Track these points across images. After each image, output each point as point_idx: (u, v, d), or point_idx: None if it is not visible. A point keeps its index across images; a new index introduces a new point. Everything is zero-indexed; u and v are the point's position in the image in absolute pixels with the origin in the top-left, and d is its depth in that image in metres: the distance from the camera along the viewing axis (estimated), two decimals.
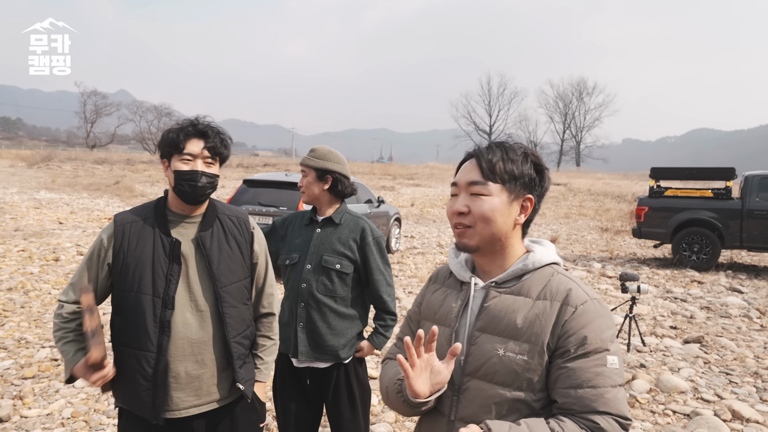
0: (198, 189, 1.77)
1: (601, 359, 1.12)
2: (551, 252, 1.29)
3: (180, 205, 1.84)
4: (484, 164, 1.22)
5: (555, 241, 12.93)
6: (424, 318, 1.37)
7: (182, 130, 1.79)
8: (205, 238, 1.82)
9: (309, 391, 2.39)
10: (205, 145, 1.79)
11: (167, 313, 1.75)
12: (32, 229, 11.27)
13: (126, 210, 1.89)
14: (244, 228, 1.94)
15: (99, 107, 60.03)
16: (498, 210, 1.21)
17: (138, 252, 1.77)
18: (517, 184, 1.23)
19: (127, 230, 1.80)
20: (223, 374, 1.84)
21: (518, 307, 1.19)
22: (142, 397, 1.74)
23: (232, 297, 1.84)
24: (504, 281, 1.25)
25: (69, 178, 25.49)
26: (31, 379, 4.13)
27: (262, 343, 1.98)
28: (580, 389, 1.11)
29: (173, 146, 1.78)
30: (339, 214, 2.40)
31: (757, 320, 6.50)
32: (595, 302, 1.18)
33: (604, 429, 1.07)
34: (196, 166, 1.77)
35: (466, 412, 1.20)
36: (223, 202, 2.00)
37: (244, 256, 1.90)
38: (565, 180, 34.40)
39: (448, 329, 1.27)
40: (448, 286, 1.35)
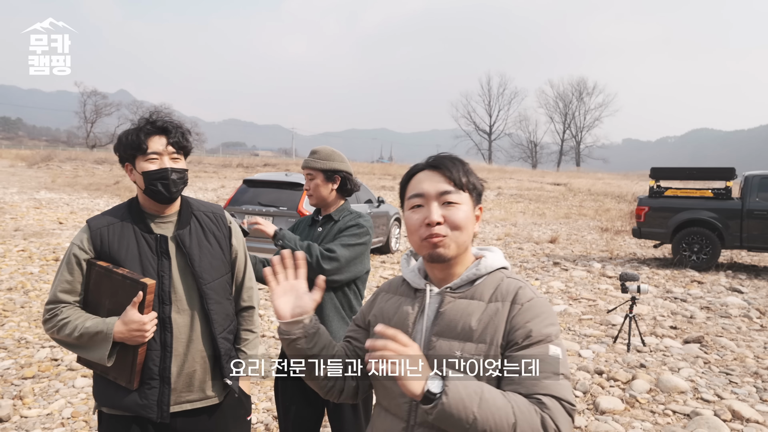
0: (170, 186, 1.73)
1: (544, 348, 1.17)
2: (500, 258, 1.35)
3: (153, 206, 1.79)
4: (455, 174, 1.26)
5: (555, 241, 12.94)
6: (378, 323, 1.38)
7: (141, 129, 1.73)
8: (183, 236, 1.79)
9: (310, 392, 2.39)
10: (168, 140, 1.75)
11: (165, 309, 1.73)
12: (32, 229, 11.27)
13: (97, 214, 1.83)
14: (222, 223, 1.91)
15: (99, 107, 60.13)
16: (468, 218, 1.27)
17: (123, 253, 1.72)
18: (474, 194, 1.30)
19: (105, 233, 1.75)
20: (213, 371, 1.83)
21: (472, 310, 1.24)
22: (148, 396, 1.72)
23: (216, 293, 1.83)
24: (458, 286, 1.29)
25: (69, 178, 25.48)
26: (31, 379, 4.13)
27: (244, 336, 1.96)
28: (524, 376, 1.16)
29: (135, 147, 1.72)
30: (339, 212, 2.42)
31: (757, 320, 6.50)
32: (540, 300, 1.25)
33: (546, 404, 1.11)
34: (164, 164, 1.73)
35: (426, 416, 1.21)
36: (196, 198, 1.98)
37: (224, 252, 1.88)
38: (565, 180, 34.39)
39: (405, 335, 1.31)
40: (402, 294, 1.38)
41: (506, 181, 32.96)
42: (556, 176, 38.59)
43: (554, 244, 12.67)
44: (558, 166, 66.26)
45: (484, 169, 41.59)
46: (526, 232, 14.99)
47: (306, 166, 2.41)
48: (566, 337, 5.69)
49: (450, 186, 1.25)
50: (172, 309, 1.75)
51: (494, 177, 34.95)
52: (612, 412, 3.89)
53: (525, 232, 14.98)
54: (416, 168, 1.32)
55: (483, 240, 13.17)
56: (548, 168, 61.65)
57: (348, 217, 2.40)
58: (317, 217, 2.47)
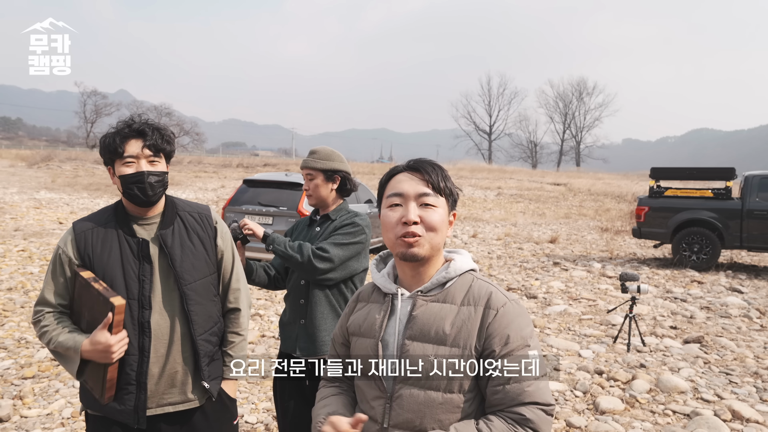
0: (146, 189, 1.72)
1: (524, 355, 1.21)
2: (468, 260, 1.37)
3: (135, 209, 1.79)
4: (434, 178, 1.31)
5: (555, 241, 12.94)
6: (352, 334, 1.41)
7: (118, 133, 1.73)
8: (165, 236, 1.78)
9: (308, 391, 2.39)
10: (144, 143, 1.73)
11: (145, 313, 1.72)
12: (32, 229, 11.27)
13: (83, 217, 1.83)
14: (206, 223, 1.89)
15: (99, 107, 60.12)
16: (443, 221, 1.31)
17: (105, 256, 1.73)
18: (450, 200, 1.34)
19: (89, 236, 1.75)
20: (195, 373, 1.82)
21: (445, 314, 1.27)
22: (125, 401, 1.71)
23: (198, 294, 1.81)
24: (429, 290, 1.32)
25: (69, 178, 25.49)
26: (31, 379, 4.13)
27: (230, 339, 1.94)
28: (507, 385, 1.20)
29: (112, 151, 1.72)
30: (337, 212, 2.42)
31: (757, 320, 6.50)
32: (513, 303, 1.28)
33: (529, 419, 1.17)
34: (141, 167, 1.72)
35: (400, 418, 1.25)
36: (184, 198, 1.97)
37: (208, 252, 1.86)
38: (565, 180, 34.39)
39: (372, 340, 1.32)
40: (373, 301, 1.41)
41: (506, 181, 32.96)
42: (556, 176, 38.59)
43: (554, 244, 12.67)
44: (558, 166, 66.26)
45: (484, 169, 41.58)
46: (526, 232, 14.99)
47: (305, 166, 2.41)
48: (566, 337, 5.69)
49: (428, 189, 1.30)
50: (153, 311, 1.74)
51: (494, 177, 34.95)
52: (612, 412, 3.89)
53: (525, 232, 14.98)
54: (396, 169, 1.36)
55: (483, 240, 13.18)
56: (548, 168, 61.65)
57: (344, 216, 2.40)
58: (315, 216, 2.48)
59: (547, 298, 7.33)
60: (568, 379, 4.52)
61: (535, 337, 1.26)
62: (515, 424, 1.17)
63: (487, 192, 27.57)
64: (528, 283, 8.27)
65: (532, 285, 8.16)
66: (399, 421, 1.25)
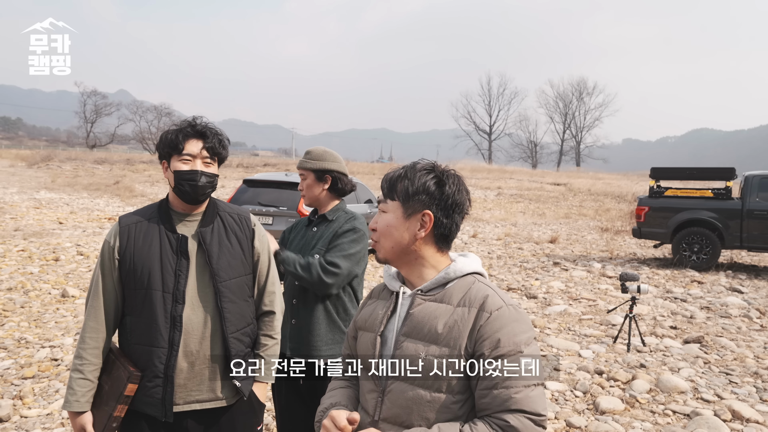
0: (198, 188, 1.79)
1: (514, 361, 1.19)
2: (474, 263, 1.37)
3: (181, 205, 1.86)
4: (385, 183, 1.35)
5: (555, 241, 12.94)
6: (359, 328, 1.45)
7: (181, 131, 1.81)
8: (205, 234, 1.84)
9: (303, 390, 2.39)
10: (203, 145, 1.81)
11: (178, 307, 1.77)
12: (32, 229, 11.27)
13: (130, 212, 1.92)
14: (245, 225, 1.95)
15: (99, 107, 60.01)
16: (393, 225, 1.32)
17: (145, 250, 1.79)
18: (412, 200, 1.31)
19: (132, 230, 1.82)
20: (225, 372, 1.84)
21: (440, 313, 1.27)
22: (152, 393, 1.75)
23: (231, 292, 1.84)
24: (429, 289, 1.32)
25: (69, 178, 25.49)
26: (31, 379, 4.13)
27: (263, 342, 1.96)
28: (495, 390, 1.18)
29: (172, 147, 1.80)
30: (333, 212, 2.42)
31: (757, 320, 6.50)
32: (510, 308, 1.25)
33: (515, 426, 1.15)
34: (196, 166, 1.79)
35: (389, 412, 1.27)
36: (225, 201, 2.02)
37: (244, 253, 1.91)
38: (565, 180, 34.39)
39: (372, 334, 1.36)
40: (381, 297, 1.44)
41: (506, 181, 32.96)
42: (556, 176, 38.59)
43: (554, 244, 12.67)
44: (558, 166, 66.24)
45: (484, 169, 41.59)
46: (526, 232, 14.99)
47: (298, 167, 2.44)
48: (566, 337, 5.69)
49: (382, 195, 1.37)
50: (186, 305, 1.78)
51: (494, 177, 34.96)
52: (612, 412, 3.89)
53: (525, 232, 14.98)
54: None
55: (483, 240, 13.18)
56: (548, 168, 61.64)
57: (342, 218, 2.40)
58: (313, 217, 2.48)
59: (547, 298, 7.33)
60: (568, 379, 4.52)
61: (532, 345, 1.23)
62: (500, 430, 1.16)
63: (487, 192, 27.57)
64: (528, 283, 8.27)
65: (532, 285, 8.16)
66: (388, 415, 1.27)
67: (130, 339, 1.81)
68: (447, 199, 1.31)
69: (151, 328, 1.75)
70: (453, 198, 1.32)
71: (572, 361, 4.92)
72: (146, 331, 1.76)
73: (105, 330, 1.82)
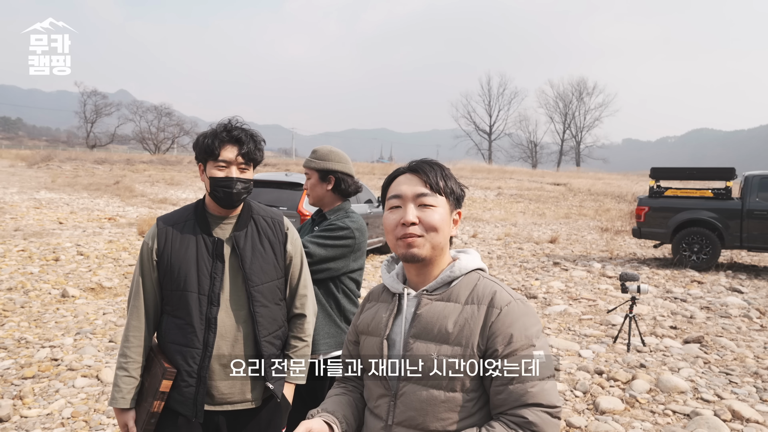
0: (233, 195, 1.81)
1: (528, 355, 1.19)
2: (476, 259, 1.37)
3: (217, 208, 1.88)
4: (432, 178, 1.30)
5: (555, 241, 12.94)
6: (361, 333, 1.43)
7: (217, 136, 1.81)
8: (239, 238, 1.86)
9: (303, 391, 2.40)
10: (239, 151, 1.81)
11: (213, 310, 1.80)
12: (32, 229, 11.27)
13: (167, 213, 1.95)
14: (278, 228, 1.96)
15: (99, 107, 60.05)
16: (445, 220, 1.30)
17: (182, 252, 1.82)
18: (453, 199, 1.34)
19: (170, 232, 1.85)
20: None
21: (449, 312, 1.26)
22: (184, 393, 1.79)
23: (264, 296, 1.87)
24: (434, 289, 1.32)
25: (69, 178, 25.49)
26: (31, 379, 4.13)
27: (293, 344, 1.98)
28: (510, 385, 1.18)
29: (208, 153, 1.81)
30: (333, 212, 2.42)
31: (757, 320, 6.50)
32: (518, 302, 1.25)
33: (532, 422, 1.15)
34: (231, 173, 1.80)
35: (403, 416, 1.25)
36: (259, 203, 2.03)
37: (277, 257, 1.92)
38: (565, 180, 34.39)
39: (378, 338, 1.34)
40: (381, 300, 1.42)
41: (506, 181, 32.96)
42: (556, 176, 38.58)
43: (554, 244, 12.67)
44: (558, 166, 66.23)
45: (484, 169, 41.58)
46: (526, 232, 14.99)
47: (303, 165, 2.45)
48: (566, 337, 5.69)
49: (426, 189, 1.30)
50: (221, 310, 1.81)
51: (494, 177, 34.96)
52: (612, 412, 3.89)
53: (525, 232, 14.98)
54: (398, 171, 1.37)
55: (483, 240, 13.18)
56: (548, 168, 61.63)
57: (340, 215, 2.40)
58: (316, 216, 2.49)
59: (547, 298, 7.33)
60: (568, 379, 4.52)
61: (542, 337, 1.24)
62: (517, 428, 1.15)
63: (487, 192, 27.57)
64: (528, 283, 8.27)
65: (532, 285, 8.16)
66: (402, 418, 1.25)
67: (166, 338, 1.84)
68: (462, 198, 1.37)
69: (186, 329, 1.79)
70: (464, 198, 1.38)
71: (572, 361, 4.92)
72: (182, 332, 1.80)
73: (146, 329, 1.86)
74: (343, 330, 2.37)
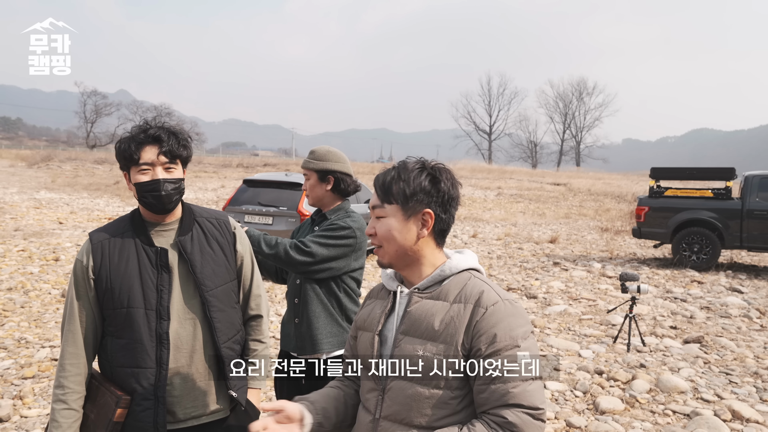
0: (163, 198, 1.68)
1: (511, 356, 1.19)
2: (469, 259, 1.37)
3: (152, 216, 1.76)
4: (379, 188, 1.35)
5: (555, 241, 12.94)
6: (359, 328, 1.46)
7: (133, 139, 1.68)
8: (185, 243, 1.74)
9: (305, 390, 2.40)
10: (160, 150, 1.68)
11: (163, 324, 1.68)
12: (32, 229, 11.27)
13: (100, 227, 1.79)
14: (225, 229, 1.86)
15: (99, 107, 60.07)
16: (395, 229, 1.31)
17: (122, 267, 1.68)
18: (411, 201, 1.31)
19: (105, 246, 1.71)
20: (218, 383, 1.78)
21: (436, 310, 1.28)
22: (141, 418, 1.66)
23: (220, 301, 1.77)
24: (426, 287, 1.33)
25: (69, 178, 25.49)
26: (31, 379, 4.13)
27: (253, 347, 1.90)
28: (492, 385, 1.19)
29: (128, 158, 1.68)
30: (333, 211, 2.42)
31: (757, 320, 6.50)
32: (506, 303, 1.26)
33: (512, 422, 1.15)
34: (156, 175, 1.67)
35: (390, 410, 1.28)
36: (200, 205, 1.93)
37: (227, 258, 1.83)
38: (565, 180, 34.38)
39: (371, 333, 1.37)
40: (379, 297, 1.46)
41: (506, 181, 32.96)
42: (556, 176, 38.58)
43: (554, 244, 12.67)
44: (558, 166, 66.22)
45: (484, 169, 41.58)
46: (526, 232, 14.99)
47: (302, 166, 2.44)
48: (566, 337, 5.69)
49: (377, 201, 1.35)
50: (172, 321, 1.70)
51: (494, 177, 34.96)
52: (612, 412, 3.89)
53: (525, 232, 14.98)
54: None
55: (483, 240, 13.18)
56: (548, 168, 61.62)
57: (340, 216, 2.40)
58: (316, 216, 2.49)
59: (547, 298, 7.34)
60: (568, 379, 4.52)
61: (529, 338, 1.24)
62: (498, 428, 1.16)
63: (487, 192, 27.57)
64: (528, 283, 8.27)
65: (532, 285, 8.16)
66: (389, 413, 1.28)
67: (113, 362, 1.69)
68: (443, 195, 1.32)
69: (135, 348, 1.65)
70: (449, 193, 1.33)
71: (572, 361, 4.92)
72: (130, 353, 1.66)
73: (85, 355, 1.70)
74: (345, 329, 2.38)
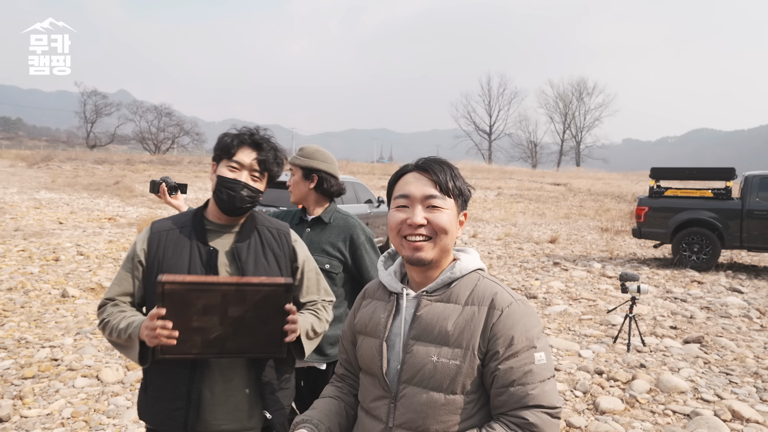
0: (236, 199, 1.68)
1: (529, 357, 1.19)
2: (476, 259, 1.35)
3: (218, 215, 1.76)
4: (442, 179, 1.27)
5: (555, 241, 12.94)
6: (358, 332, 1.40)
7: (238, 136, 1.73)
8: (241, 250, 1.72)
9: (304, 392, 2.39)
10: (256, 156, 1.71)
11: None
12: (32, 229, 11.27)
13: (164, 218, 1.81)
14: (284, 241, 1.83)
15: (99, 107, 60.00)
16: (453, 223, 1.28)
17: (173, 260, 1.68)
18: (461, 200, 1.32)
19: (163, 237, 1.72)
20: (254, 399, 1.72)
21: (449, 313, 1.25)
22: (174, 416, 1.65)
23: None
24: (434, 290, 1.30)
25: (69, 178, 25.48)
26: (31, 379, 4.13)
27: (312, 309, 1.86)
28: (511, 387, 1.17)
29: (225, 151, 1.71)
30: (328, 214, 2.39)
31: (757, 320, 6.49)
32: (519, 303, 1.24)
33: (533, 423, 1.15)
34: (241, 177, 1.69)
35: (403, 418, 1.24)
36: (266, 214, 1.91)
37: (282, 271, 1.78)
38: (565, 180, 34.39)
39: (377, 340, 1.31)
40: (378, 298, 1.40)
41: (506, 181, 32.96)
42: (556, 176, 38.58)
43: (554, 244, 12.67)
44: (558, 166, 66.21)
45: (484, 169, 41.59)
46: (526, 232, 14.99)
47: (289, 162, 2.43)
48: (566, 337, 5.69)
49: (435, 190, 1.27)
50: None
51: (494, 177, 34.97)
52: (612, 412, 3.89)
53: (525, 232, 14.98)
54: (405, 169, 1.33)
55: (483, 240, 13.18)
56: (548, 168, 61.62)
57: (339, 218, 2.39)
58: (305, 216, 2.44)
59: (547, 298, 7.33)
60: (568, 379, 4.52)
61: (542, 337, 1.23)
62: (518, 429, 1.15)
63: (487, 192, 27.56)
64: (528, 283, 8.27)
65: (532, 285, 8.16)
66: (403, 420, 1.24)
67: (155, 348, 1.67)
68: (468, 200, 1.36)
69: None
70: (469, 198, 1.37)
71: (572, 361, 4.92)
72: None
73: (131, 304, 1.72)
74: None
